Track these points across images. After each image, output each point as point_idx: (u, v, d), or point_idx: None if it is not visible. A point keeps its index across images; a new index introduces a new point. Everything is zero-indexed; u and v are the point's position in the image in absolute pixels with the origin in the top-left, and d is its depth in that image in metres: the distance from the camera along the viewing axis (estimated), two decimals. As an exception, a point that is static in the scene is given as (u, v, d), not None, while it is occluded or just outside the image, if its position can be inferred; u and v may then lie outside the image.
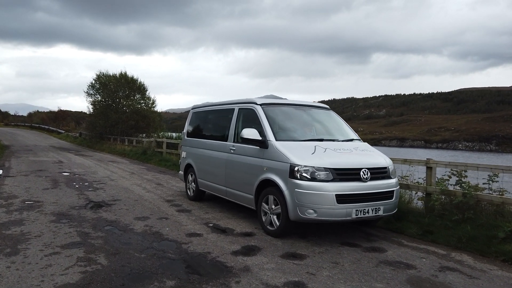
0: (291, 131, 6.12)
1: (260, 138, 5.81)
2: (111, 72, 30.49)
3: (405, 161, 6.67)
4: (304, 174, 5.13)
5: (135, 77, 30.01)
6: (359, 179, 5.25)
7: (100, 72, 30.34)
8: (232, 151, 6.61)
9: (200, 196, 8.13)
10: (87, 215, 6.72)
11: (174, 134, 18.73)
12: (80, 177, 11.74)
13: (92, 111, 31.04)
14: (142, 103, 29.85)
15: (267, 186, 5.71)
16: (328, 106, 7.07)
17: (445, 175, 6.51)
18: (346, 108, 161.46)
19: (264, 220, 5.75)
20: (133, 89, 29.61)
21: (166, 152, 17.50)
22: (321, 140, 5.95)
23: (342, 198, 5.06)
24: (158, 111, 31.08)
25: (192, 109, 8.83)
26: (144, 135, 29.11)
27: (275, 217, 5.53)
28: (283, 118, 6.30)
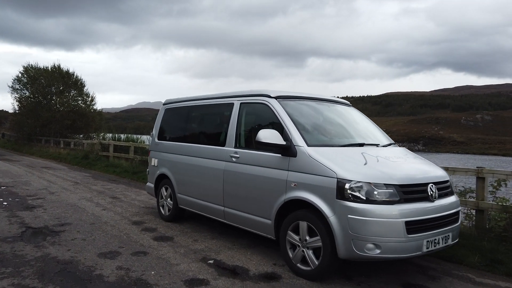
0: (321, 133, 4.63)
1: (283, 143, 4.24)
2: (41, 65, 26.91)
3: (446, 169, 5.46)
4: (357, 194, 3.66)
5: (70, 70, 26.75)
6: (426, 198, 3.90)
7: (28, 64, 26.68)
8: (234, 159, 4.97)
9: (179, 216, 6.35)
10: (26, 252, 4.70)
11: (122, 136, 16.42)
12: (8, 189, 9.30)
13: (18, 109, 27.22)
14: (79, 100, 26.68)
15: (296, 208, 4.18)
16: (348, 102, 5.69)
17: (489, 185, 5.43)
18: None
19: (291, 255, 4.19)
20: (68, 84, 26.34)
21: (113, 157, 15.17)
22: (362, 145, 4.54)
23: (412, 227, 3.66)
24: (98, 109, 28.01)
25: (164, 104, 7.00)
26: (81, 136, 26.07)
27: (310, 252, 4.00)
28: (307, 116, 4.80)
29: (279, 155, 4.35)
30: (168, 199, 6.41)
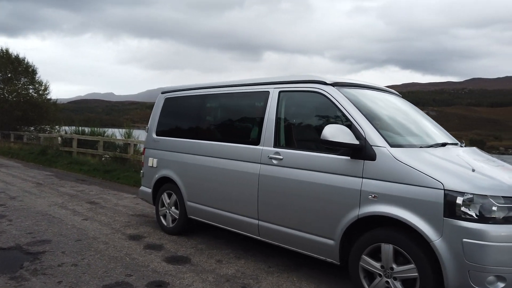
0: (395, 130, 3.72)
1: (357, 142, 3.31)
2: (-15, 49, 24.03)
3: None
4: (469, 210, 2.81)
5: (20, 56, 24.06)
6: (539, 213, 3.13)
7: (-29, 48, 23.72)
8: (274, 161, 3.96)
9: (187, 228, 5.26)
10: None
11: (86, 129, 14.72)
12: (-43, 194, 7.66)
13: (-42, 97, 24.20)
14: (31, 89, 24.12)
15: (372, 225, 3.27)
16: (397, 92, 4.84)
17: None
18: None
19: (367, 286, 3.27)
20: (18, 71, 23.71)
21: (77, 152, 13.51)
22: (444, 145, 3.70)
23: (539, 252, 2.87)
24: (52, 99, 25.53)
25: (163, 93, 5.82)
26: (32, 128, 23.72)
27: (399, 284, 3.11)
28: (375, 109, 3.86)
29: (347, 157, 3.41)
30: (173, 207, 5.29)
